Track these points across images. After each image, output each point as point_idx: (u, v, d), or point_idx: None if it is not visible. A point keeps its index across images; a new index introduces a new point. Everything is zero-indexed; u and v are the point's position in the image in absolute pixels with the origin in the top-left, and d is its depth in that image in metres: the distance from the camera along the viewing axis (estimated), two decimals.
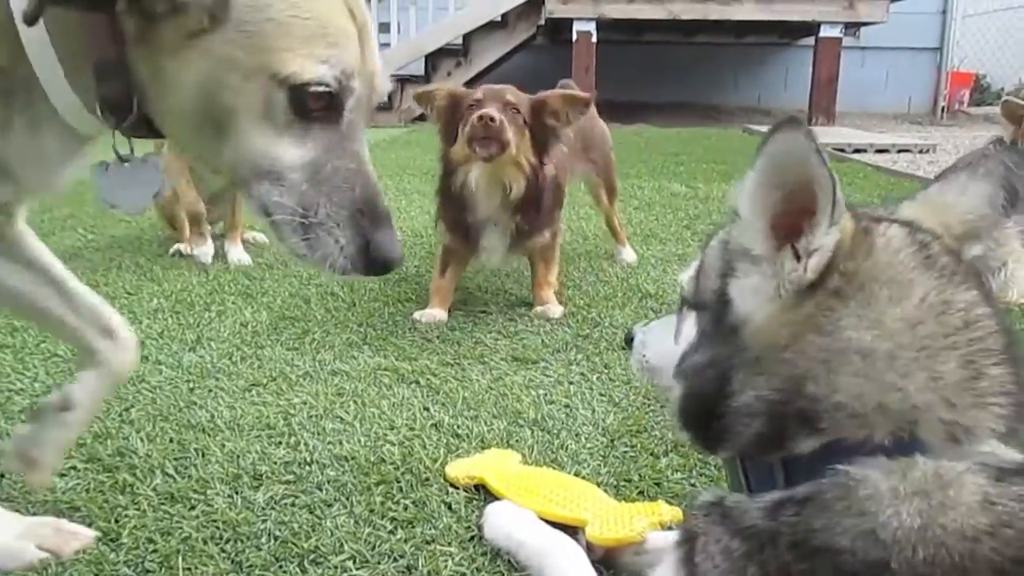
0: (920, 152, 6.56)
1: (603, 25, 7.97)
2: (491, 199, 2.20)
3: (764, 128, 7.42)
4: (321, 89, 0.93)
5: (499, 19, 8.29)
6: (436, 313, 2.27)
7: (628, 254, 2.90)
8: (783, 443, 0.75)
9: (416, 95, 2.31)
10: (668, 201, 4.04)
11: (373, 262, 0.99)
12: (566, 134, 2.24)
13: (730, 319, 0.79)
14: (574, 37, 7.88)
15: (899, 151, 6.53)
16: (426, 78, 8.80)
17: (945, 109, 9.68)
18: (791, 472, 0.75)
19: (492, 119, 2.06)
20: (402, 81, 8.89)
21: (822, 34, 7.89)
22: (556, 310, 2.30)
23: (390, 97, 8.96)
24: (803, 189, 0.71)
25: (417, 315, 2.25)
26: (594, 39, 7.92)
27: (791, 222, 0.74)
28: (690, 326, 0.87)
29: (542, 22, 8.13)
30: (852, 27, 8.33)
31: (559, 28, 8.26)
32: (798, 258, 0.74)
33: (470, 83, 8.71)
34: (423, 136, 7.13)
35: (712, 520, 0.78)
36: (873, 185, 4.78)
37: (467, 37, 8.45)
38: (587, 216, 3.58)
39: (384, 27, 8.35)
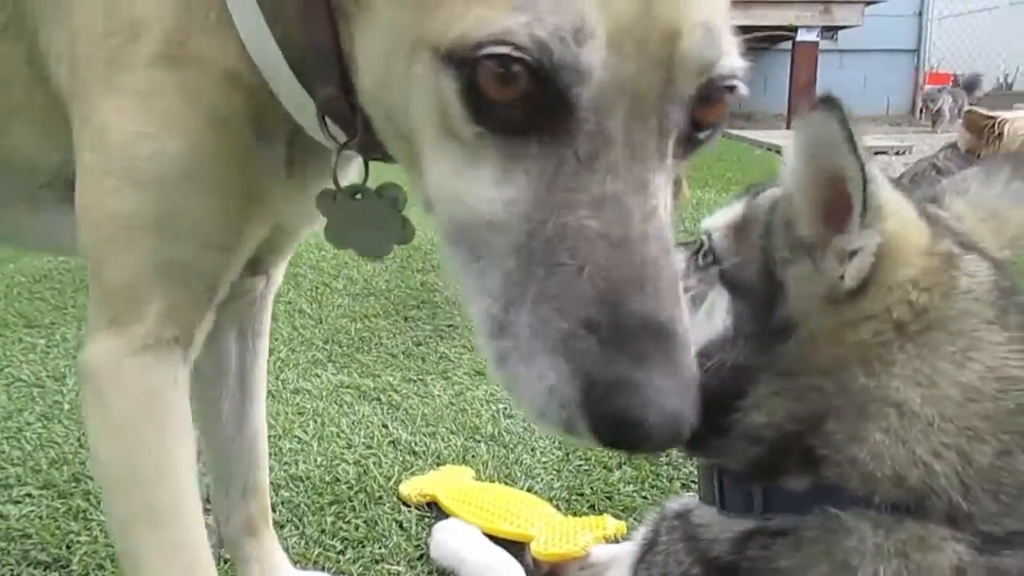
0: (896, 154, 6.61)
1: None
2: None
3: (745, 133, 7.46)
4: (506, 55, 0.49)
5: None
6: None
7: None
8: (775, 475, 0.67)
9: None
10: None
11: (615, 428, 0.51)
12: None
13: (780, 316, 0.66)
14: None
15: (876, 153, 6.58)
16: None
17: (923, 110, 9.74)
18: (770, 500, 0.68)
19: None
20: None
21: (799, 38, 7.95)
22: None
23: None
24: (839, 179, 0.61)
25: None
26: None
27: (839, 209, 0.62)
28: (722, 307, 0.70)
29: None
30: (829, 31, 8.40)
31: None
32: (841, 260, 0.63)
33: None
34: None
35: (676, 536, 0.74)
36: None
37: None
38: None
39: None
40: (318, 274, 2.87)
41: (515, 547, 1.22)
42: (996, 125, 2.65)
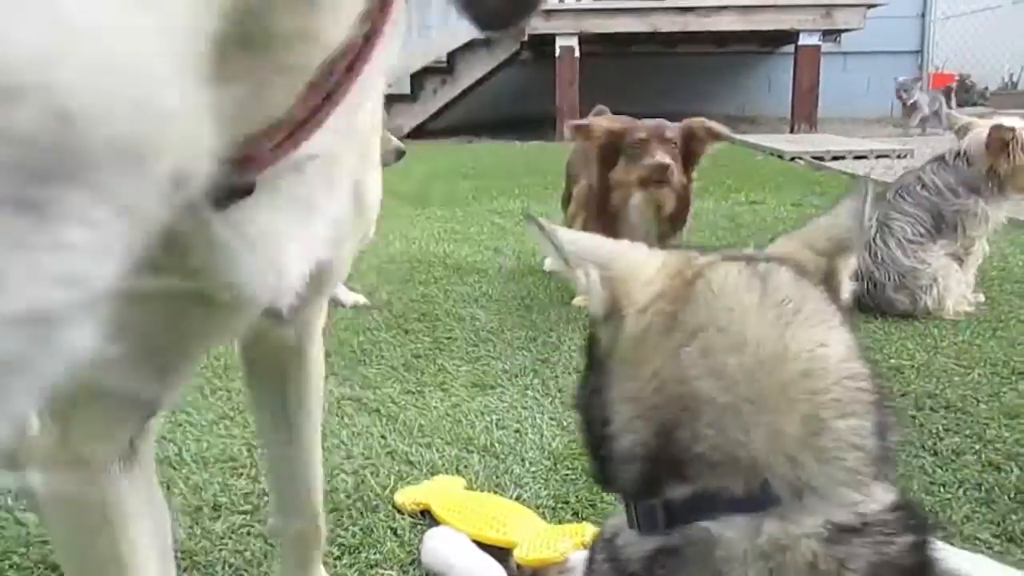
0: (899, 157, 6.65)
1: (586, 39, 8.09)
2: (646, 216, 2.56)
3: (748, 137, 7.50)
4: None
5: (482, 37, 8.40)
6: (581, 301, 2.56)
7: None
8: (660, 489, 0.72)
9: (574, 127, 2.63)
10: None
11: None
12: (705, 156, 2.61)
13: (598, 339, 0.76)
14: (557, 52, 8.00)
15: (877, 156, 6.63)
16: (413, 96, 8.92)
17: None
18: (670, 515, 0.72)
19: (666, 167, 2.44)
20: (388, 99, 9.00)
21: (801, 42, 8.01)
22: None
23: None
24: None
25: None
26: (577, 54, 8.04)
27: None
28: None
29: (525, 38, 8.25)
30: (831, 34, 8.45)
31: (543, 43, 8.38)
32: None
33: (456, 100, 8.84)
34: (409, 156, 7.23)
35: (604, 556, 0.78)
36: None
37: (451, 55, 8.57)
38: None
39: None
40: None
41: (501, 553, 1.30)
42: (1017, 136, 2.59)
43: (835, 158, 6.47)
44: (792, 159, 6.59)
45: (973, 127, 2.65)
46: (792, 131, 8.18)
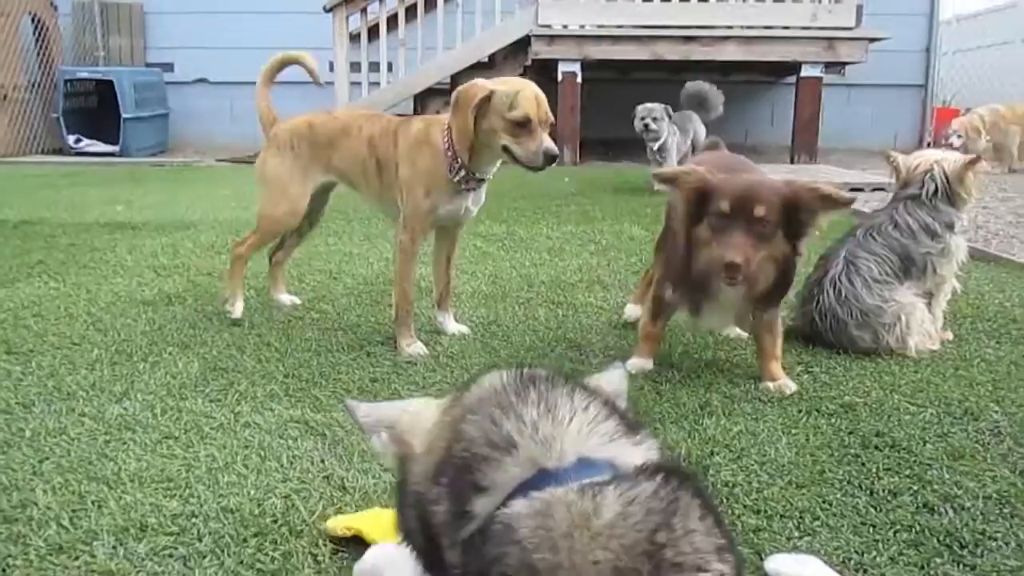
0: None
1: (589, 65, 8.14)
2: (736, 291, 2.14)
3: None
4: None
5: (486, 59, 8.47)
6: (644, 363, 2.37)
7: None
8: (471, 516, 0.87)
9: (658, 175, 2.21)
10: (625, 245, 4.14)
11: None
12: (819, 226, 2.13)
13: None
14: (559, 77, 8.05)
15: (873, 189, 6.62)
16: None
17: (931, 144, 9.76)
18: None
19: (736, 268, 2.01)
20: None
21: (803, 74, 8.02)
22: (790, 385, 2.22)
23: None
24: None
25: (628, 365, 2.28)
26: (579, 79, 8.09)
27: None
28: None
29: (529, 63, 8.31)
30: (834, 66, 8.46)
31: (547, 67, 8.43)
32: None
33: None
34: None
35: None
36: (838, 225, 4.86)
37: (455, 77, 8.62)
38: (541, 262, 3.70)
39: (374, 67, 8.56)
40: (293, 307, 2.98)
41: None
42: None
43: None
44: None
45: (909, 161, 2.66)
46: (792, 162, 8.17)
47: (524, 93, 2.30)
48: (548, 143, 2.30)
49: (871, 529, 1.53)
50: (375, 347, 2.55)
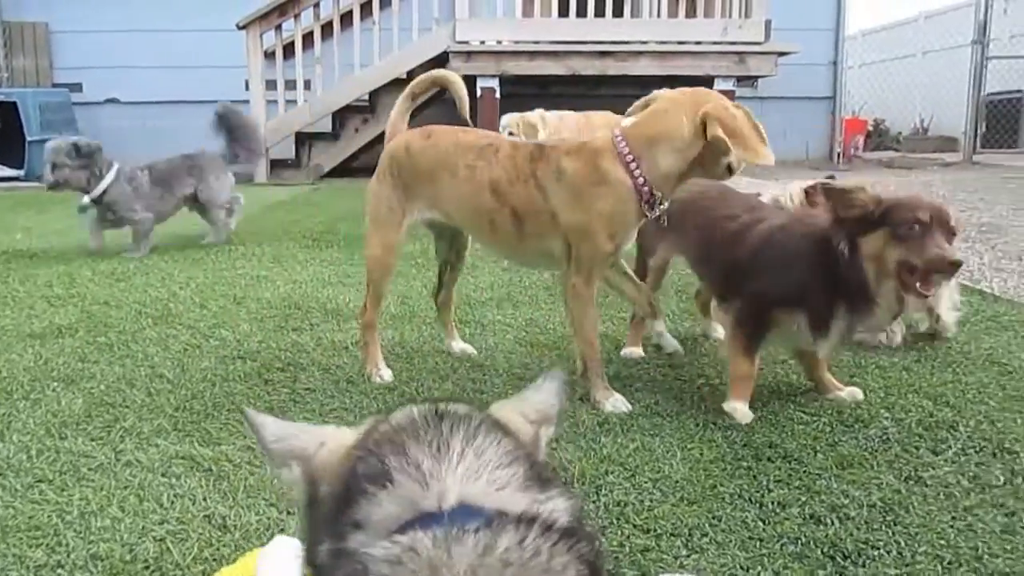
0: None
1: (507, 80, 8.17)
2: (890, 312, 2.06)
3: None
4: None
5: (404, 76, 8.43)
6: (746, 410, 2.13)
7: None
8: (347, 552, 0.81)
9: (825, 189, 2.06)
10: None
11: None
12: None
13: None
14: (479, 93, 8.06)
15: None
16: (334, 135, 8.90)
17: (841, 155, 10.10)
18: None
19: (960, 265, 1.92)
20: (310, 138, 8.97)
21: (716, 87, 8.20)
22: (858, 393, 2.26)
23: (297, 154, 9.02)
24: None
25: (732, 411, 2.11)
26: (498, 95, 8.12)
27: None
28: None
29: None
30: (746, 80, 8.69)
31: (467, 83, 8.45)
32: None
33: (378, 139, 8.82)
34: (323, 196, 7.19)
35: None
36: None
37: (373, 94, 8.58)
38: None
39: (290, 84, 8.44)
40: (192, 335, 2.88)
41: None
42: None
43: None
44: None
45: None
46: None
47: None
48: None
49: (758, 543, 1.54)
50: (274, 374, 2.47)
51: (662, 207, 2.10)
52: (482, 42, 8.19)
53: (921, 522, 1.60)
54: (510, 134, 5.93)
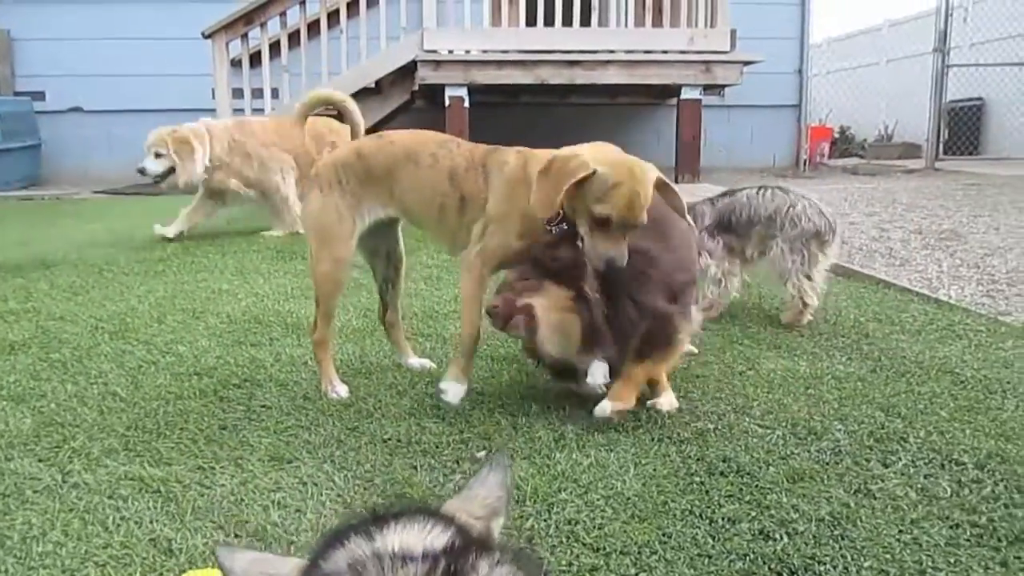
0: None
1: (476, 89, 8.17)
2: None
3: None
4: None
5: (372, 85, 8.41)
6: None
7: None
8: None
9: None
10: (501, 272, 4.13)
11: None
12: None
13: None
14: (447, 102, 8.05)
15: None
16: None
17: (807, 162, 10.21)
18: None
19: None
20: None
21: (683, 96, 8.27)
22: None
23: None
24: None
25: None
26: (466, 104, 8.11)
27: None
28: None
29: (416, 88, 8.29)
30: (712, 88, 8.76)
31: (436, 92, 8.43)
32: None
33: None
34: None
35: None
36: None
37: None
38: (416, 292, 3.65)
39: (257, 93, 8.38)
40: (148, 350, 2.84)
41: None
42: None
43: None
44: None
45: None
46: (676, 181, 8.39)
47: (622, 189, 2.06)
48: (616, 253, 2.08)
49: (706, 560, 1.54)
50: (230, 391, 2.45)
51: (557, 228, 2.19)
52: (450, 51, 8.17)
53: (868, 536, 1.61)
54: (156, 155, 5.12)
